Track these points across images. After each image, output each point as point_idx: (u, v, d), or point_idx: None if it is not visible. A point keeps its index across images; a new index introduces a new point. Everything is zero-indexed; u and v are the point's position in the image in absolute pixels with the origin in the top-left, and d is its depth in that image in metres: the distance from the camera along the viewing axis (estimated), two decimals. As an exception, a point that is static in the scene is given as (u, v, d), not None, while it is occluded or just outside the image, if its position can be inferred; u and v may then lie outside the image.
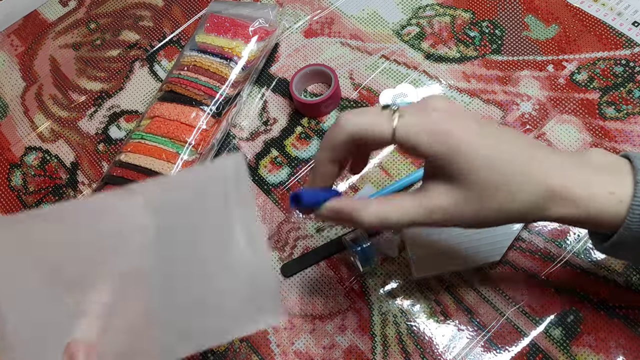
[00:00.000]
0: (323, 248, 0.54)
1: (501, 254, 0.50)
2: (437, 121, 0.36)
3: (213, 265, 0.41)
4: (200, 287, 0.41)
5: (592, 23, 0.60)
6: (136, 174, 0.56)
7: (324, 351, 0.50)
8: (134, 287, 0.42)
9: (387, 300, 0.51)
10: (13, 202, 0.63)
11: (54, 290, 0.42)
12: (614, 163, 0.38)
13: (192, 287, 0.41)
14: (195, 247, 0.42)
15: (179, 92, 0.60)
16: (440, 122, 0.36)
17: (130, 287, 0.42)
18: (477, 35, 0.62)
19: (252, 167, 0.60)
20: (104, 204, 0.44)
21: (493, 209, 0.36)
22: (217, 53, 0.61)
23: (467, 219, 0.37)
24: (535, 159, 0.37)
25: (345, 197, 0.41)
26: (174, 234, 0.42)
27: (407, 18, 0.65)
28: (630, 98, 0.56)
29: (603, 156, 0.38)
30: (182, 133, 0.57)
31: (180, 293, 0.42)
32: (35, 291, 0.42)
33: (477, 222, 0.38)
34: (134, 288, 0.42)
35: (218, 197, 0.42)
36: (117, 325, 0.41)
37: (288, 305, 0.52)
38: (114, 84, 0.68)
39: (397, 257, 0.53)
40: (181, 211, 0.43)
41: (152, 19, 0.72)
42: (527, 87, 0.58)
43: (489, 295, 0.50)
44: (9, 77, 0.71)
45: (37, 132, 0.66)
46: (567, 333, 0.47)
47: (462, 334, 0.49)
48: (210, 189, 0.43)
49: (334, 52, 0.64)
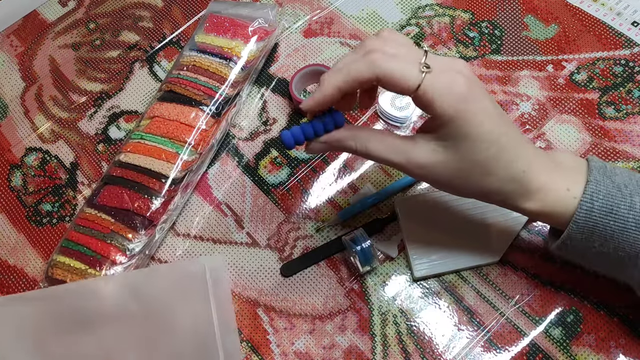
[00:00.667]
0: (323, 248, 0.54)
1: (501, 254, 0.50)
2: (459, 84, 0.37)
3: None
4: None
5: (592, 23, 0.60)
6: (136, 174, 0.56)
7: (324, 351, 0.50)
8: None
9: (387, 300, 0.51)
10: (13, 202, 0.63)
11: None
12: (576, 162, 0.41)
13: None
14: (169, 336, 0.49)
15: (178, 92, 0.60)
16: (462, 86, 0.37)
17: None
18: (476, 35, 0.62)
19: (252, 167, 0.60)
20: (88, 287, 0.50)
21: (473, 179, 0.39)
22: (217, 53, 0.61)
23: (442, 180, 0.40)
24: (523, 146, 0.40)
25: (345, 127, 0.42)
26: (152, 320, 0.49)
27: (406, 18, 0.65)
28: (630, 98, 0.56)
29: (568, 157, 0.42)
30: (181, 133, 0.57)
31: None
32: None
33: (450, 187, 0.41)
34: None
35: (198, 294, 0.49)
36: None
37: (288, 305, 0.52)
38: (113, 85, 0.68)
39: (397, 257, 0.53)
40: (161, 301, 0.50)
41: (151, 20, 0.72)
42: (527, 87, 0.58)
43: (489, 295, 0.50)
44: (9, 78, 0.71)
45: (38, 133, 0.66)
46: (567, 333, 0.47)
47: (462, 334, 0.49)
48: (191, 286, 0.50)
49: (333, 52, 0.64)
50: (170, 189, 0.56)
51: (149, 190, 0.55)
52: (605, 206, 0.39)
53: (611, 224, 0.39)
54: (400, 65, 0.37)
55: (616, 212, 0.39)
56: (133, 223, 0.54)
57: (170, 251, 0.57)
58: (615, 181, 0.40)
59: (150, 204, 0.55)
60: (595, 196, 0.39)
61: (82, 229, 0.55)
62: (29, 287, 0.58)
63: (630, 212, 0.39)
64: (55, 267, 0.54)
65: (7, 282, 0.59)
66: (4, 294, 0.58)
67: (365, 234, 0.50)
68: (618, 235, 0.39)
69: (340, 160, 0.58)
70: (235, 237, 0.56)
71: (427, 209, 0.53)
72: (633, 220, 0.38)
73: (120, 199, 0.55)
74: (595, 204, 0.39)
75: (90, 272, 0.52)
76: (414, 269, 0.51)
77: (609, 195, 0.39)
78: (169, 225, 0.57)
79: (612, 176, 0.40)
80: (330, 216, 0.56)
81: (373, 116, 0.60)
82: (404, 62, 0.37)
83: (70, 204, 0.61)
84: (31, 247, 0.60)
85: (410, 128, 0.58)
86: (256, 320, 0.52)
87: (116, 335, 0.50)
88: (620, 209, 0.39)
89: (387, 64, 0.37)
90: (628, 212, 0.38)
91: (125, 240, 0.54)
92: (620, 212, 0.39)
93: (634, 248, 0.39)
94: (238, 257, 0.55)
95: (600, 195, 0.39)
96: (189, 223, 0.58)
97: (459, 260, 0.50)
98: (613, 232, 0.39)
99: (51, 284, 0.54)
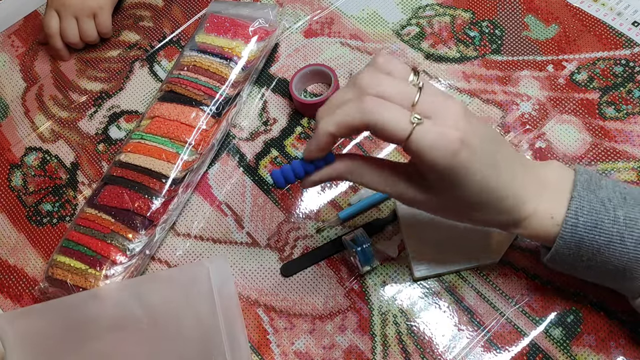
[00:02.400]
0: (323, 248, 0.54)
1: (501, 254, 0.50)
2: (451, 140, 0.36)
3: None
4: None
5: (592, 23, 0.60)
6: (136, 174, 0.56)
7: (324, 351, 0.50)
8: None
9: (387, 300, 0.51)
10: (13, 202, 0.63)
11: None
12: (562, 177, 0.42)
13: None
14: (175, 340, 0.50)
15: (179, 92, 0.60)
16: (454, 142, 0.36)
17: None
18: (477, 35, 0.62)
19: (252, 167, 0.60)
20: (93, 295, 0.52)
21: (464, 213, 0.42)
22: (217, 53, 0.61)
23: (433, 212, 0.43)
24: (514, 177, 0.40)
25: (336, 161, 0.42)
26: (158, 326, 0.50)
27: (407, 18, 0.65)
28: (630, 98, 0.56)
29: (555, 171, 0.42)
30: (182, 133, 0.57)
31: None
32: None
33: (442, 216, 0.44)
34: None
35: (203, 296, 0.50)
36: None
37: (288, 305, 0.52)
38: (114, 84, 0.68)
39: (397, 257, 0.53)
40: (166, 307, 0.51)
41: (152, 19, 0.72)
42: (527, 87, 0.58)
43: (489, 295, 0.50)
44: (10, 78, 0.71)
45: (38, 133, 0.66)
46: (567, 333, 0.47)
47: (462, 334, 0.49)
48: (195, 289, 0.51)
49: (333, 52, 0.64)
50: (170, 189, 0.56)
51: (150, 190, 0.55)
52: (589, 221, 0.39)
53: (597, 238, 0.39)
54: (392, 114, 0.36)
55: (601, 226, 0.39)
56: (133, 223, 0.54)
57: (171, 251, 0.57)
58: (599, 195, 0.40)
59: (151, 204, 0.55)
60: (580, 212, 0.39)
61: (82, 228, 0.55)
62: (29, 287, 0.58)
63: (614, 225, 0.39)
64: (56, 267, 0.54)
65: (7, 282, 0.59)
66: (4, 294, 0.58)
67: (365, 234, 0.50)
68: (604, 249, 0.39)
69: (341, 160, 0.58)
70: (236, 237, 0.56)
71: (427, 209, 0.53)
72: (617, 234, 0.39)
73: (120, 199, 0.55)
74: (580, 219, 0.39)
75: (91, 272, 0.52)
76: (414, 269, 0.51)
77: (592, 211, 0.39)
78: (169, 225, 0.57)
79: (597, 190, 0.40)
80: (331, 216, 0.56)
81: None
82: (395, 111, 0.36)
83: (70, 204, 0.61)
84: (31, 247, 0.60)
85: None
86: (256, 320, 0.52)
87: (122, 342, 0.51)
88: (604, 224, 0.39)
89: (379, 115, 0.36)
90: (612, 226, 0.39)
91: (125, 240, 0.54)
92: (604, 227, 0.39)
93: (620, 261, 0.39)
94: (238, 257, 0.55)
95: (585, 211, 0.39)
96: (189, 223, 0.58)
97: (459, 261, 0.50)
98: (599, 246, 0.39)
99: (51, 284, 0.54)
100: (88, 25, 0.68)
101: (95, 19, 0.68)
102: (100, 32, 0.69)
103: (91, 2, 0.68)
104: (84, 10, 0.67)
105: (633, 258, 0.39)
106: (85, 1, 0.67)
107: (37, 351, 0.52)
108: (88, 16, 0.68)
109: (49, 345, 0.52)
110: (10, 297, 0.58)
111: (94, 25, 0.68)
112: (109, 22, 0.69)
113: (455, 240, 0.51)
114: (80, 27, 0.68)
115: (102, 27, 0.69)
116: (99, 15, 0.68)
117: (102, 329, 0.51)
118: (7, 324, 0.53)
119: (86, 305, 0.52)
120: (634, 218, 0.39)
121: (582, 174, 0.41)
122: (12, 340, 0.52)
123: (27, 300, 0.57)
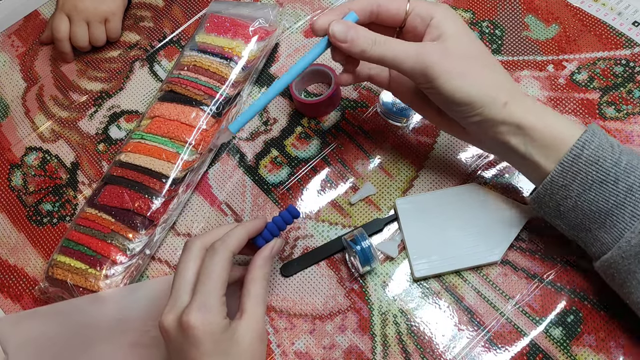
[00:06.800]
0: (323, 248, 0.54)
1: (501, 254, 0.50)
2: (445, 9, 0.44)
3: None
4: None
5: (592, 23, 0.60)
6: (136, 174, 0.56)
7: (324, 351, 0.50)
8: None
9: (387, 300, 0.51)
10: (13, 202, 0.63)
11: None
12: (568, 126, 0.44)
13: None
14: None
15: (179, 92, 0.60)
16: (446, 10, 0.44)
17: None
18: (477, 35, 0.62)
19: (252, 167, 0.60)
20: (91, 300, 0.52)
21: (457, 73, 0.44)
22: (217, 53, 0.61)
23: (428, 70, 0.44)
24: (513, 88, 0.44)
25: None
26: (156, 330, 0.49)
27: (407, 18, 0.65)
28: (630, 98, 0.56)
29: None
30: (182, 133, 0.57)
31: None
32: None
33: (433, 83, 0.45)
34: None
35: None
36: None
37: (288, 305, 0.52)
38: (114, 84, 0.68)
39: (397, 257, 0.53)
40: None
41: (152, 19, 0.72)
42: (527, 87, 0.58)
43: (489, 295, 0.50)
44: (10, 78, 0.71)
45: (38, 132, 0.66)
46: (567, 333, 0.47)
47: (462, 334, 0.49)
48: None
49: (334, 52, 0.64)
50: (170, 189, 0.56)
51: (150, 190, 0.55)
52: (592, 156, 0.40)
53: (593, 174, 0.40)
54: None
55: (601, 163, 0.40)
56: (133, 223, 0.54)
57: (171, 251, 0.57)
58: (610, 139, 0.42)
59: (151, 204, 0.55)
60: (587, 145, 0.41)
61: (82, 228, 0.55)
62: (29, 287, 0.58)
63: (614, 167, 0.40)
64: (56, 266, 0.54)
65: (7, 282, 0.59)
66: (4, 294, 0.58)
67: (365, 234, 0.50)
68: (597, 187, 0.40)
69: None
70: (236, 237, 0.56)
71: (427, 209, 0.53)
72: (614, 175, 0.40)
73: (120, 199, 0.55)
74: (585, 152, 0.41)
75: (91, 271, 0.52)
76: (414, 269, 0.51)
77: (599, 147, 0.41)
78: (169, 225, 0.57)
79: (610, 137, 0.42)
80: (330, 215, 0.56)
81: (374, 114, 0.60)
82: None
83: (70, 204, 0.61)
84: (31, 246, 0.60)
85: (411, 128, 0.58)
86: (256, 320, 0.52)
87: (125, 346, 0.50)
88: (605, 162, 0.40)
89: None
90: (612, 167, 0.40)
91: (125, 240, 0.54)
92: (605, 165, 0.40)
93: (607, 204, 0.41)
94: (238, 257, 0.55)
95: (592, 145, 0.41)
96: (190, 223, 0.58)
97: (459, 260, 0.50)
98: (592, 182, 0.40)
99: (51, 284, 0.54)
100: (99, 30, 0.68)
101: (107, 24, 0.68)
102: (109, 37, 0.69)
103: (104, 7, 0.67)
104: (97, 15, 0.67)
105: (620, 202, 0.40)
106: (98, 7, 0.67)
107: (38, 355, 0.52)
108: (100, 21, 0.68)
109: (50, 349, 0.52)
110: (11, 297, 0.58)
111: (104, 30, 0.68)
112: (119, 27, 0.69)
113: (455, 240, 0.51)
114: (91, 31, 0.68)
115: (112, 32, 0.69)
116: (111, 20, 0.68)
117: (104, 333, 0.51)
118: (8, 328, 0.53)
119: (88, 309, 0.52)
120: (635, 166, 0.40)
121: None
122: (13, 344, 0.52)
123: (27, 300, 0.57)
